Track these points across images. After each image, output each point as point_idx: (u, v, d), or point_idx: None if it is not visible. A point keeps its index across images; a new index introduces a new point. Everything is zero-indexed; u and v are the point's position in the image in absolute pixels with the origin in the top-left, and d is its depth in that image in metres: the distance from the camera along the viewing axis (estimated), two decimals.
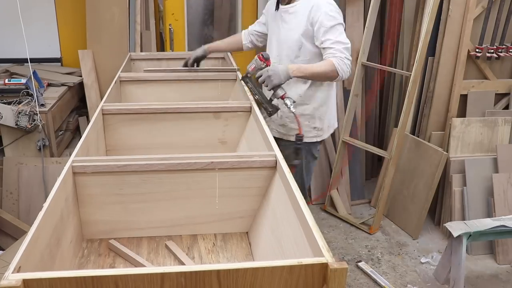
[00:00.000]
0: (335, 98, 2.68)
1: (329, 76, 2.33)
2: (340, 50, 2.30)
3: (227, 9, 4.53)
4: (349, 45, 2.35)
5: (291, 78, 2.30)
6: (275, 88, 2.26)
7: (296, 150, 2.32)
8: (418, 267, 3.22)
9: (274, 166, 1.77)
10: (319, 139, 2.62)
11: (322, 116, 2.57)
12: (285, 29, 2.50)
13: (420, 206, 3.51)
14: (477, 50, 3.49)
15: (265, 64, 2.32)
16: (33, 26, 3.71)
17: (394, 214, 3.76)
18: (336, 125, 2.74)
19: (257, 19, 3.82)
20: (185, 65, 2.91)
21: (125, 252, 1.73)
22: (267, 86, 2.28)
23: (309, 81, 2.48)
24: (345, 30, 2.43)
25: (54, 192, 1.47)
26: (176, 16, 3.92)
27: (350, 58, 2.34)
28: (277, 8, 2.55)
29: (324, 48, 2.35)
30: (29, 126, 3.04)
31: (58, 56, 4.00)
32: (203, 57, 2.89)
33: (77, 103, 3.82)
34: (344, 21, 3.90)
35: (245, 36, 2.89)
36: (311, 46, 2.42)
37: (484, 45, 3.49)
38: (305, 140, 2.43)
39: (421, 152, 3.57)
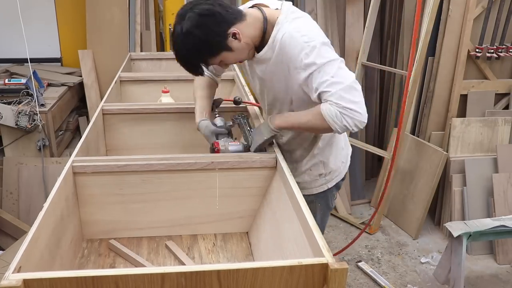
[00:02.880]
0: (342, 137, 2.06)
1: (319, 128, 1.70)
2: (336, 93, 1.58)
3: None
4: (349, 82, 1.60)
5: (276, 132, 1.78)
6: (261, 147, 1.83)
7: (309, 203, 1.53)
8: (418, 267, 3.22)
9: (274, 166, 1.77)
10: (330, 185, 2.05)
11: (325, 160, 2.00)
12: (267, 83, 1.84)
13: (420, 206, 3.51)
14: (477, 50, 3.49)
15: (242, 115, 1.98)
16: (33, 26, 3.71)
17: (394, 214, 3.76)
18: (347, 165, 2.12)
19: None
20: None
21: (125, 252, 1.73)
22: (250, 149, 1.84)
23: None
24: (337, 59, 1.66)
25: (54, 192, 1.47)
26: None
27: (354, 99, 1.59)
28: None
29: (317, 94, 1.64)
30: (29, 126, 3.04)
31: (58, 56, 4.00)
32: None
33: (77, 103, 3.82)
34: (344, 21, 3.94)
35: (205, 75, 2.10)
36: (302, 94, 1.74)
37: (484, 45, 3.49)
38: (314, 191, 2.03)
39: (421, 152, 3.57)
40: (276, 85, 1.80)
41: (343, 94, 1.58)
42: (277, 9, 1.75)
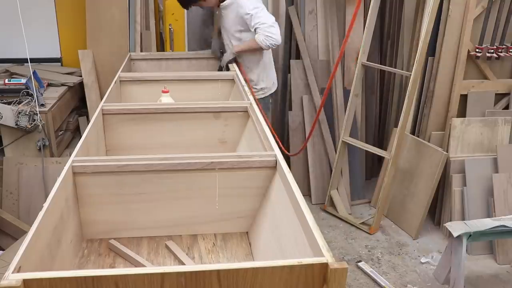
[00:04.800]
0: (271, 65, 3.52)
1: (256, 49, 3.23)
2: (263, 29, 3.08)
3: None
4: (270, 22, 3.09)
5: (235, 54, 3.27)
6: (229, 63, 3.28)
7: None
8: (418, 267, 3.22)
9: (274, 166, 1.77)
10: (267, 95, 3.51)
11: (263, 79, 3.44)
12: (226, 24, 3.34)
13: (420, 206, 3.51)
14: (477, 50, 3.49)
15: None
16: (33, 26, 3.70)
17: (394, 214, 3.76)
18: (276, 83, 3.62)
19: None
20: (220, 69, 3.42)
21: (125, 252, 1.73)
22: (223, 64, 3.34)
23: (251, 60, 3.33)
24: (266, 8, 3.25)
25: (54, 192, 1.47)
26: (176, 16, 3.91)
27: (273, 32, 3.08)
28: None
29: (254, 29, 3.13)
30: (29, 126, 3.04)
31: (58, 56, 4.00)
32: (234, 60, 3.37)
33: (77, 103, 3.82)
34: (344, 21, 3.95)
35: None
36: (249, 34, 3.23)
37: (484, 45, 3.49)
38: (258, 98, 3.37)
39: (421, 152, 3.57)
40: (232, 29, 3.32)
41: (266, 29, 3.08)
42: None
